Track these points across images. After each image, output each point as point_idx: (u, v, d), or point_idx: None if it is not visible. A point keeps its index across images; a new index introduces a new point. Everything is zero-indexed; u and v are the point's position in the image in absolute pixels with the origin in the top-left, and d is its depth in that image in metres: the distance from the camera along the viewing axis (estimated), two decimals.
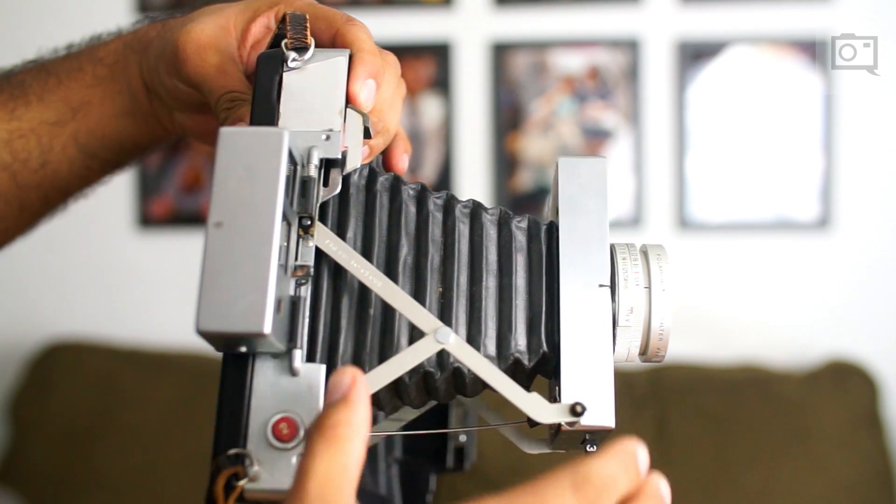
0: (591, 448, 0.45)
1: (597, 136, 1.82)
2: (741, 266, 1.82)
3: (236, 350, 0.41)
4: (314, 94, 0.47)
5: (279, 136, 0.40)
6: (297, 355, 0.41)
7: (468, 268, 0.46)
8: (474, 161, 1.84)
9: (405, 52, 1.83)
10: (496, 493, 0.34)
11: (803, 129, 1.79)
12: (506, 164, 1.82)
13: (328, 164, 0.45)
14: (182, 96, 0.54)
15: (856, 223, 1.78)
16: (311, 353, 0.43)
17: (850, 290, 1.79)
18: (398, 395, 0.46)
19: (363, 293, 0.44)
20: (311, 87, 0.47)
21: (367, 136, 0.48)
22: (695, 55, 1.79)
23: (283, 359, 0.41)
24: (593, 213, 0.46)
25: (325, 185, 0.45)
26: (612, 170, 1.81)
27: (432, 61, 1.83)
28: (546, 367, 0.45)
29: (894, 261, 1.79)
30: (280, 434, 0.40)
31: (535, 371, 0.46)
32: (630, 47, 1.80)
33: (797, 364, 1.73)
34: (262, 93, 0.46)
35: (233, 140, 0.40)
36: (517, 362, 0.45)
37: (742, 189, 1.80)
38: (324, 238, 0.43)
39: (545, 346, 0.45)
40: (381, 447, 0.59)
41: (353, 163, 0.46)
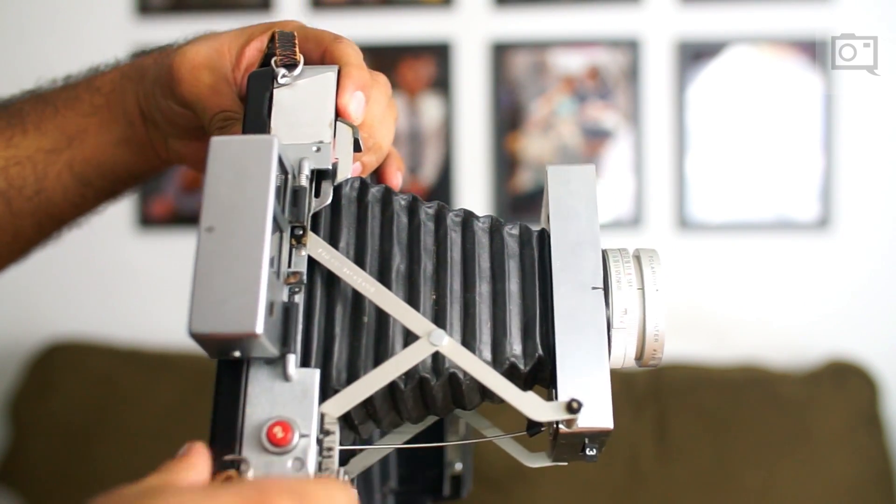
0: (590, 451, 0.45)
1: (597, 136, 1.82)
2: (741, 266, 1.82)
3: (230, 356, 0.41)
4: (304, 108, 0.48)
5: (269, 142, 0.41)
6: (292, 360, 0.41)
7: (461, 275, 0.46)
8: (474, 161, 1.84)
9: (405, 52, 1.83)
10: None
11: (803, 129, 1.79)
12: (506, 164, 1.82)
13: (319, 176, 0.46)
14: (177, 119, 0.55)
15: (856, 223, 1.78)
16: (306, 360, 0.43)
17: (850, 290, 1.79)
18: (395, 406, 0.46)
19: (357, 301, 0.45)
20: (301, 102, 0.48)
21: (357, 149, 0.48)
22: (695, 55, 1.79)
23: (277, 364, 0.41)
24: (584, 219, 0.47)
25: (317, 196, 0.45)
26: (611, 170, 1.81)
27: (432, 61, 1.83)
28: (542, 371, 0.45)
29: (894, 261, 1.79)
30: (275, 439, 0.39)
31: (532, 376, 0.46)
32: (630, 47, 1.80)
33: (797, 364, 1.73)
34: (254, 108, 0.47)
35: (223, 148, 0.41)
36: (513, 367, 0.45)
37: (742, 189, 1.80)
38: (316, 247, 0.44)
39: (540, 350, 0.45)
40: (376, 477, 0.59)
41: (344, 173, 0.47)
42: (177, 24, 1.83)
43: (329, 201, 0.45)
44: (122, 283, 1.89)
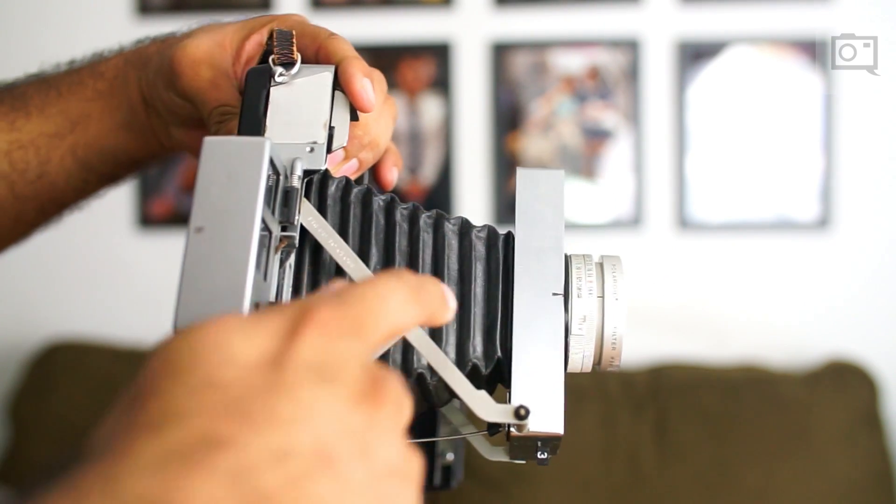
0: (541, 455, 0.45)
1: (597, 136, 1.82)
2: (741, 266, 1.82)
3: None
4: (300, 107, 0.48)
5: (261, 144, 0.41)
6: None
7: (432, 276, 0.47)
8: (474, 161, 1.84)
9: (405, 52, 1.83)
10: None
11: (803, 129, 1.79)
12: (506, 164, 1.82)
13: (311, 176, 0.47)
14: (178, 110, 0.56)
15: (856, 223, 1.78)
16: None
17: (850, 290, 1.79)
18: None
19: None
20: (296, 101, 0.49)
21: (353, 118, 0.50)
22: (695, 55, 1.79)
23: None
24: (549, 224, 0.47)
25: (307, 196, 0.46)
26: (611, 170, 1.81)
27: (432, 61, 1.83)
28: (501, 373, 0.46)
29: (894, 261, 1.79)
30: None
31: (493, 378, 0.47)
32: (630, 47, 1.80)
33: (797, 364, 1.73)
34: (250, 106, 0.48)
35: (216, 148, 0.41)
36: (475, 368, 0.46)
37: (742, 189, 1.80)
38: (307, 215, 0.45)
39: (499, 353, 0.46)
40: None
41: (340, 141, 0.48)
42: (177, 24, 1.83)
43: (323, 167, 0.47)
44: (122, 283, 1.89)
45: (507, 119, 1.82)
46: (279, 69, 0.49)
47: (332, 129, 0.48)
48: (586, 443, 1.60)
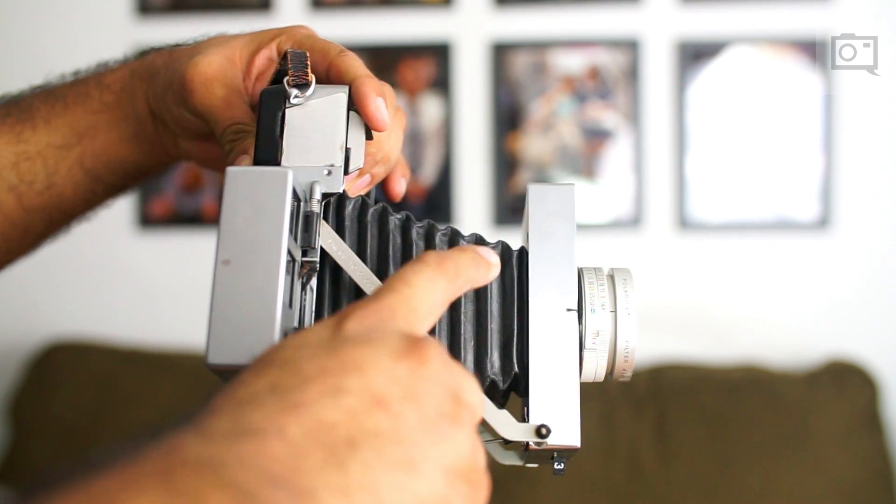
0: (558, 465, 0.47)
1: (597, 136, 1.82)
2: (741, 266, 1.82)
3: None
4: (315, 130, 0.49)
5: (284, 175, 0.42)
6: None
7: None
8: (474, 161, 1.84)
9: (405, 52, 1.83)
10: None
11: (803, 129, 1.79)
12: (506, 164, 1.82)
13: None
14: (188, 125, 0.56)
15: (856, 223, 1.78)
16: None
17: (850, 290, 1.79)
18: None
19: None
20: (312, 123, 0.49)
21: (368, 137, 0.51)
22: (695, 55, 1.79)
23: None
24: (562, 239, 0.49)
25: (325, 218, 0.47)
26: (611, 170, 1.81)
27: (432, 61, 1.83)
28: (518, 387, 0.48)
29: (894, 261, 1.79)
30: None
31: (509, 391, 0.48)
32: (630, 47, 1.80)
33: (797, 364, 1.73)
34: (266, 129, 0.48)
35: (239, 180, 0.42)
36: (493, 384, 0.47)
37: (742, 189, 1.80)
38: (327, 238, 0.46)
39: (516, 368, 0.47)
40: None
41: (357, 163, 0.49)
42: (177, 24, 1.83)
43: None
44: (122, 283, 1.89)
45: (507, 119, 1.82)
46: (294, 91, 0.49)
47: (348, 151, 0.49)
48: (586, 443, 1.59)
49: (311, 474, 0.30)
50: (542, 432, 0.44)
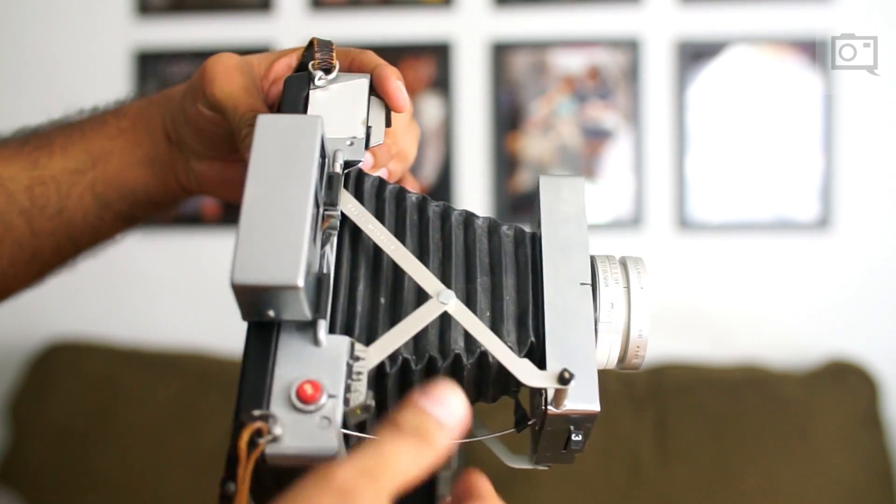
0: (576, 437, 0.46)
1: (597, 136, 1.82)
2: (741, 266, 1.82)
3: (264, 315, 0.42)
4: (338, 107, 0.50)
5: (315, 121, 0.44)
6: (322, 325, 0.42)
7: (464, 267, 0.49)
8: (474, 161, 1.84)
9: (405, 52, 1.83)
10: None
11: (803, 129, 1.79)
12: (506, 164, 1.82)
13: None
14: (204, 126, 0.57)
15: (856, 223, 1.78)
16: (332, 326, 0.45)
17: (850, 290, 1.79)
18: (402, 390, 0.47)
19: (377, 266, 0.47)
20: (335, 102, 0.51)
21: (387, 124, 0.53)
22: (695, 55, 1.79)
23: (307, 330, 0.43)
24: (574, 224, 0.50)
25: (346, 187, 0.48)
26: (611, 170, 1.81)
27: (432, 61, 1.83)
28: (533, 357, 0.47)
29: (894, 261, 1.79)
30: (305, 395, 0.40)
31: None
32: (630, 47, 1.80)
33: (797, 364, 1.73)
34: (290, 106, 0.50)
35: (270, 125, 0.43)
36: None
37: (742, 189, 1.80)
38: (347, 203, 0.47)
39: (532, 337, 0.47)
40: None
41: (377, 139, 0.51)
42: (177, 25, 1.83)
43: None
44: (122, 282, 1.89)
45: (507, 119, 1.82)
46: (319, 73, 0.51)
47: (369, 128, 0.50)
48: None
49: None
50: (564, 377, 0.43)
